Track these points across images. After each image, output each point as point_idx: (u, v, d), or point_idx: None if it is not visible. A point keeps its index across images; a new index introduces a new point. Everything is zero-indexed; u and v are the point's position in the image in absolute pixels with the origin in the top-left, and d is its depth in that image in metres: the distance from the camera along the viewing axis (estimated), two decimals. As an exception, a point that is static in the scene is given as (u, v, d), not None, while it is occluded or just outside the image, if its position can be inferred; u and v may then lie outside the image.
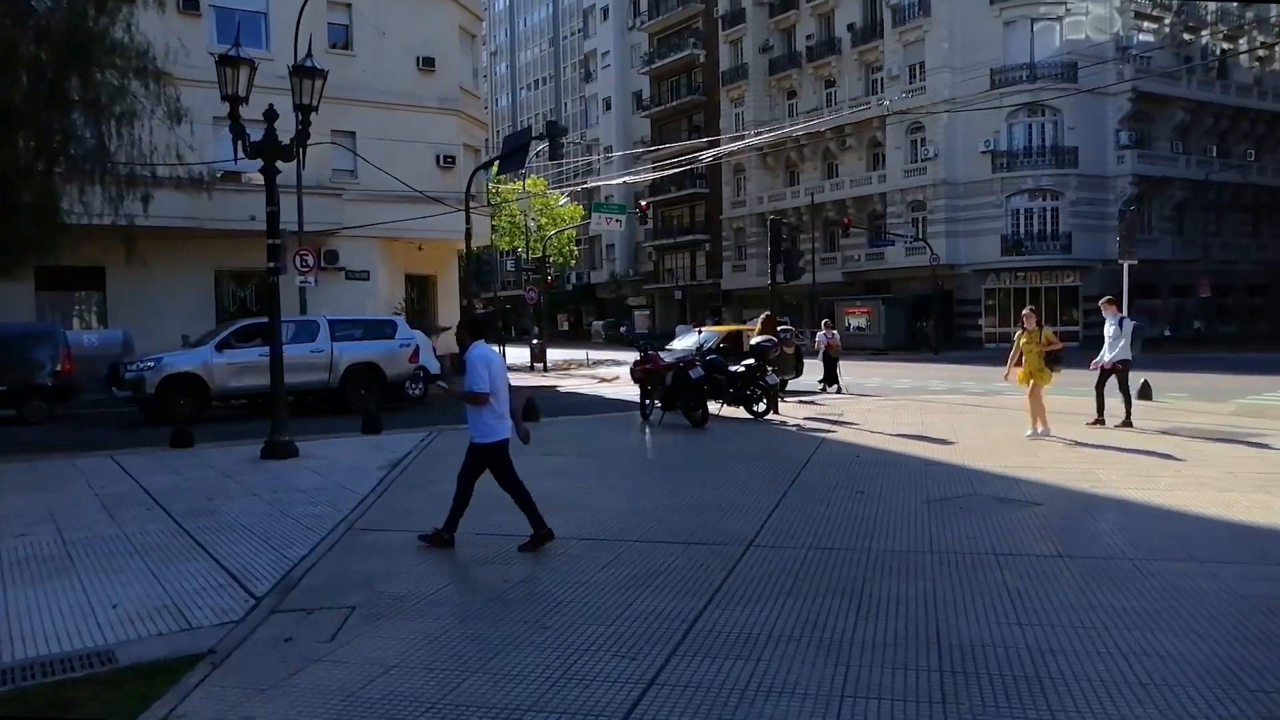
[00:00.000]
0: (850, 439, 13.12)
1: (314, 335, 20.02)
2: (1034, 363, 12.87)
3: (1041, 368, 12.83)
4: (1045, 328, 13.20)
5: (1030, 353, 12.96)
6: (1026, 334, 13.08)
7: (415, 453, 12.43)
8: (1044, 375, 12.90)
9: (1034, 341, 12.98)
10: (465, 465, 7.67)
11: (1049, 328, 14.30)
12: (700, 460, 11.44)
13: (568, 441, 13.37)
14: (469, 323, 7.81)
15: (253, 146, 12.13)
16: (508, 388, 7.55)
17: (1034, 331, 13.03)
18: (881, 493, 9.20)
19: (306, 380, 19.24)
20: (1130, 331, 13.92)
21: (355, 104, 28.59)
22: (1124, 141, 46.60)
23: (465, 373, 7.34)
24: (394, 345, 21.02)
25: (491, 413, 7.41)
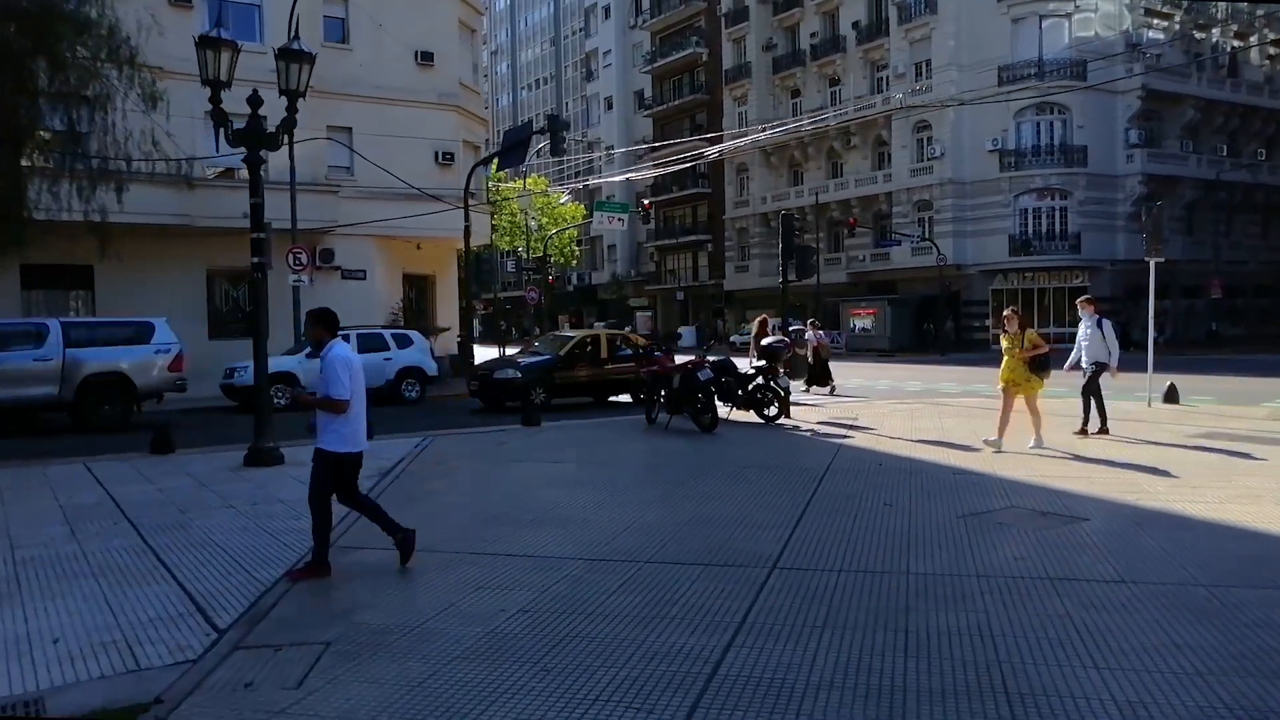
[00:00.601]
0: (869, 445, 12.39)
1: (41, 340, 17.14)
2: (1017, 369, 11.72)
3: (1027, 376, 11.69)
4: (1030, 330, 11.95)
5: (1013, 357, 11.80)
6: (1008, 337, 11.90)
7: (408, 460, 11.70)
8: (1032, 384, 11.76)
9: (1016, 345, 11.77)
10: (315, 481, 6.68)
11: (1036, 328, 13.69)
12: (712, 468, 10.71)
13: (568, 447, 12.65)
14: (322, 318, 6.78)
15: (235, 135, 11.42)
16: (364, 392, 6.69)
17: (1016, 335, 11.78)
18: (911, 505, 8.47)
19: (27, 394, 16.61)
20: (1110, 333, 13.05)
21: (352, 99, 27.93)
22: (1133, 140, 45.92)
23: (321, 374, 6.48)
24: (147, 351, 18.53)
25: (347, 421, 6.54)
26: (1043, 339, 12.02)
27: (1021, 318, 12.07)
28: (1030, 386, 11.75)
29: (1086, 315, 13.32)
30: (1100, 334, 12.99)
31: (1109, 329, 13.07)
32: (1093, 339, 13.04)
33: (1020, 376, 11.66)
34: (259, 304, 11.86)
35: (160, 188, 23.81)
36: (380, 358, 21.47)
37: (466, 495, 9.27)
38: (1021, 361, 11.63)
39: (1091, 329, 13.11)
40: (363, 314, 26.33)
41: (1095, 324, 13.11)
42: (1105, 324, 13.13)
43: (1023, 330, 11.78)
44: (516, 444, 13.09)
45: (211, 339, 25.88)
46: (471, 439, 13.73)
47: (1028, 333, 11.78)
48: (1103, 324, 13.10)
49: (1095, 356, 12.95)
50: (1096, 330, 13.04)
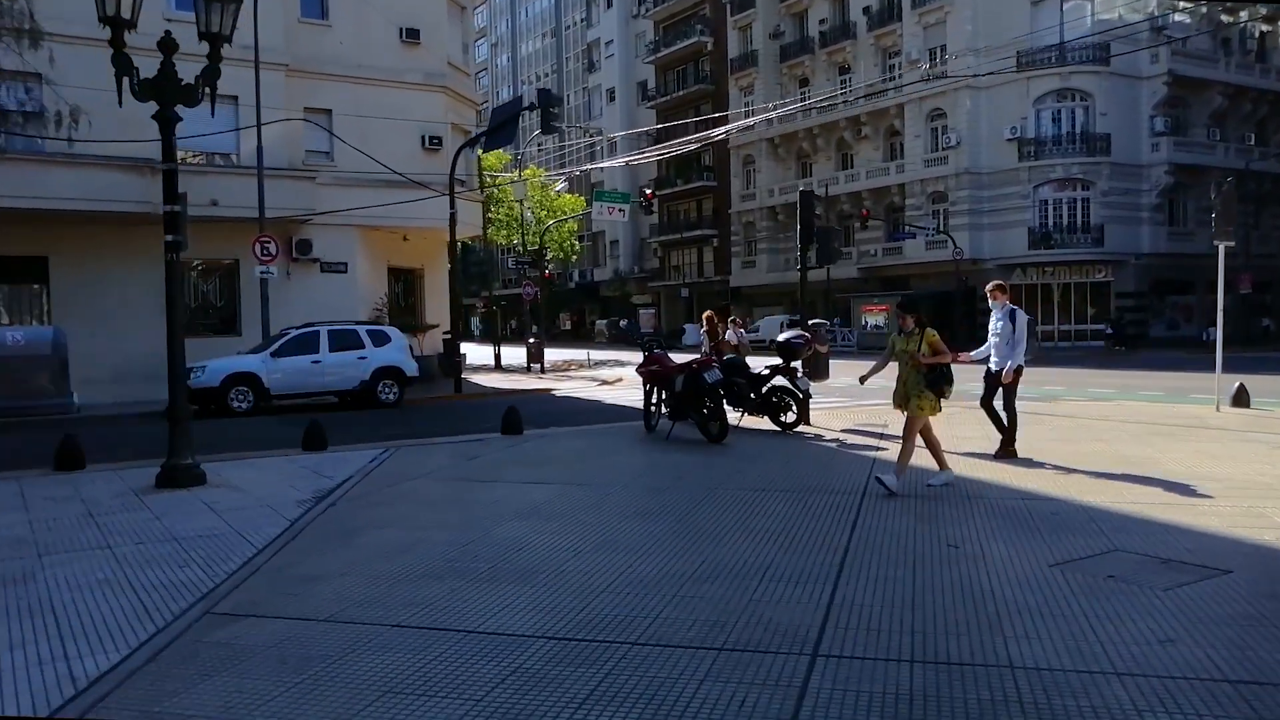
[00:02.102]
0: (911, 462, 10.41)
1: None
2: (910, 380, 8.61)
3: (921, 391, 8.55)
4: (930, 330, 8.75)
5: (904, 364, 8.71)
6: (903, 338, 8.75)
7: (356, 478, 9.76)
8: (924, 401, 8.57)
9: (911, 348, 8.61)
10: None
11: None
12: (723, 491, 8.75)
13: (553, 464, 10.69)
14: None
15: (143, 86, 9.49)
16: None
17: (913, 334, 8.68)
18: (983, 546, 6.52)
19: None
20: (1022, 328, 10.57)
21: (331, 79, 26.05)
22: (1159, 128, 43.80)
23: None
24: None
25: None
26: (945, 343, 8.83)
27: (919, 314, 8.88)
28: (919, 406, 8.57)
29: (997, 306, 10.78)
30: (1011, 329, 10.52)
31: (1021, 323, 10.58)
32: (1002, 336, 10.59)
33: (914, 390, 8.57)
34: (173, 292, 9.94)
35: (118, 172, 21.94)
36: (354, 356, 19.53)
37: (411, 530, 7.33)
38: (917, 371, 8.57)
39: (1003, 323, 10.62)
40: (344, 309, 24.46)
41: (1007, 316, 10.62)
42: (1019, 317, 10.62)
43: (921, 329, 8.68)
44: (491, 457, 11.16)
45: (179, 336, 23.94)
46: (441, 451, 11.78)
47: (927, 333, 8.65)
48: (1015, 317, 10.59)
49: (1004, 357, 10.64)
50: (1008, 324, 10.56)
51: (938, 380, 8.57)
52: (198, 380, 18.23)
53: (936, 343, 8.59)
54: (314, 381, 19.19)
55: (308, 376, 19.06)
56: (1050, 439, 11.80)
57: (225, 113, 24.29)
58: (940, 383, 8.59)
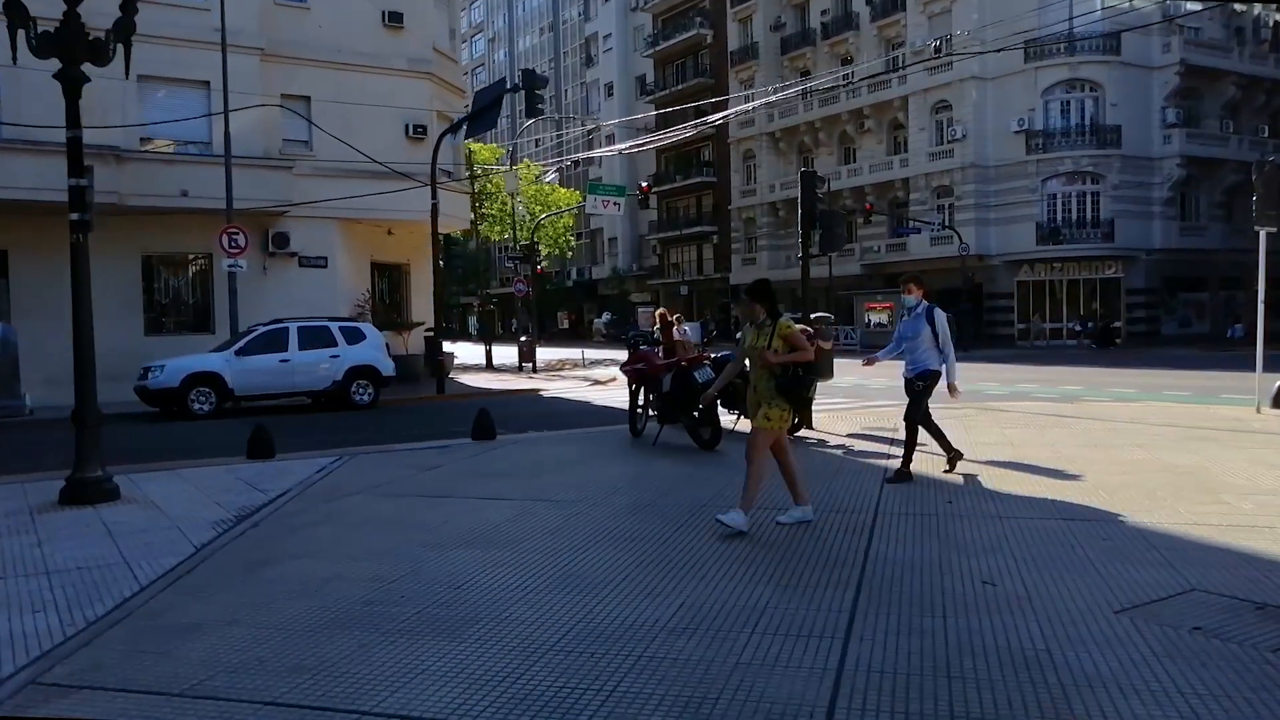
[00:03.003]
0: (925, 470, 9.18)
1: None
2: (760, 384, 6.78)
3: (772, 398, 6.67)
4: (785, 320, 6.89)
5: (754, 364, 6.89)
6: (754, 330, 6.93)
7: (294, 492, 8.54)
8: (773, 411, 6.69)
9: (761, 343, 6.77)
10: None
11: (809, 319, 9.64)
12: (712, 510, 7.51)
13: (520, 475, 9.44)
14: None
15: (41, 40, 8.25)
16: None
17: (764, 326, 6.84)
18: (1026, 583, 5.29)
19: None
20: (944, 329, 8.66)
21: (309, 64, 24.83)
22: (1170, 120, 42.52)
23: None
24: None
25: None
26: (806, 336, 7.10)
27: (773, 301, 6.94)
28: (766, 417, 6.71)
29: (912, 302, 8.97)
30: (931, 331, 8.63)
31: (942, 323, 8.65)
32: (920, 338, 8.69)
33: (765, 395, 6.72)
34: (80, 276, 8.72)
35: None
36: (326, 355, 18.31)
37: (333, 561, 6.10)
38: (769, 372, 6.70)
39: (917, 322, 8.75)
40: (324, 306, 23.25)
41: (923, 315, 8.74)
42: (938, 316, 8.68)
43: (774, 319, 6.82)
44: (453, 467, 9.92)
45: (149, 334, 22.80)
46: (398, 459, 10.55)
47: (781, 324, 6.78)
48: (934, 316, 8.67)
49: (922, 364, 8.69)
50: (925, 325, 8.66)
51: (793, 385, 6.66)
52: (155, 380, 17.07)
53: (793, 336, 6.71)
54: (282, 381, 17.98)
55: (275, 376, 17.84)
56: (1082, 445, 10.56)
57: (197, 98, 23.19)
58: (796, 387, 6.69)
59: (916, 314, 8.85)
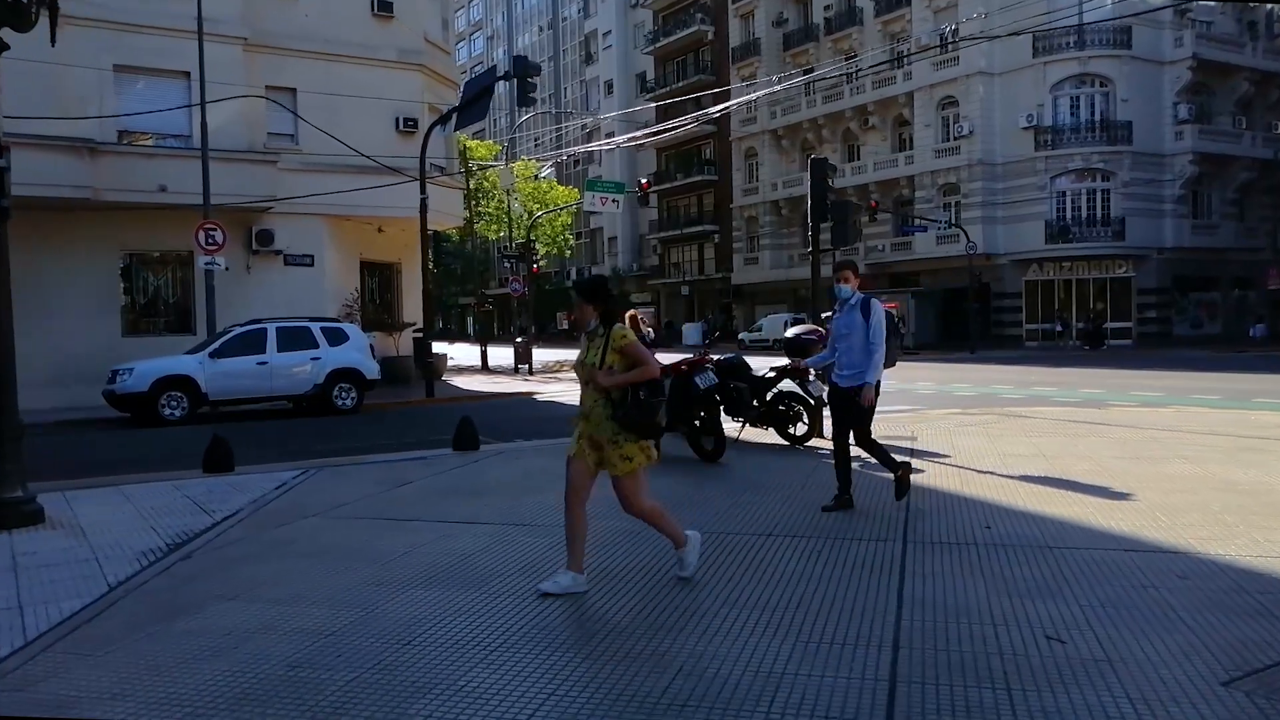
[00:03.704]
0: (952, 486, 8.23)
1: None
2: (594, 412, 5.21)
3: (613, 433, 5.15)
4: (622, 327, 5.30)
5: (584, 386, 5.32)
6: (587, 342, 5.40)
7: (245, 513, 7.59)
8: (633, 449, 5.19)
9: (592, 359, 5.24)
10: None
11: None
12: (716, 539, 6.55)
13: (500, 493, 8.45)
14: None
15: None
16: None
17: (596, 335, 5.30)
18: (1104, 642, 4.32)
19: None
20: (879, 327, 7.10)
21: (295, 55, 23.87)
22: (1182, 116, 41.58)
23: None
24: None
25: None
26: (647, 346, 5.72)
27: (610, 302, 5.36)
28: (628, 456, 5.19)
29: (845, 293, 7.37)
30: (865, 329, 7.12)
31: (878, 318, 7.14)
32: (854, 335, 7.18)
33: (604, 430, 5.16)
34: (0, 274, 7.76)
35: (53, 153, 19.73)
36: (306, 357, 17.35)
37: (265, 606, 5.13)
38: (605, 397, 5.15)
39: (852, 317, 7.25)
40: (310, 306, 22.30)
41: (859, 310, 7.23)
42: (875, 309, 7.20)
43: (606, 325, 5.24)
44: (427, 482, 8.95)
45: (127, 335, 21.84)
46: (369, 473, 9.58)
47: (615, 333, 5.18)
48: (870, 309, 7.19)
49: (859, 370, 7.14)
50: (859, 321, 7.18)
51: (634, 415, 5.03)
52: (124, 385, 16.12)
53: (630, 349, 5.11)
54: (259, 385, 17.02)
55: (252, 379, 16.88)
56: (1122, 456, 9.58)
57: (178, 90, 22.23)
58: (639, 417, 5.05)
59: (851, 306, 7.30)
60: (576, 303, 5.37)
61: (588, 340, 5.33)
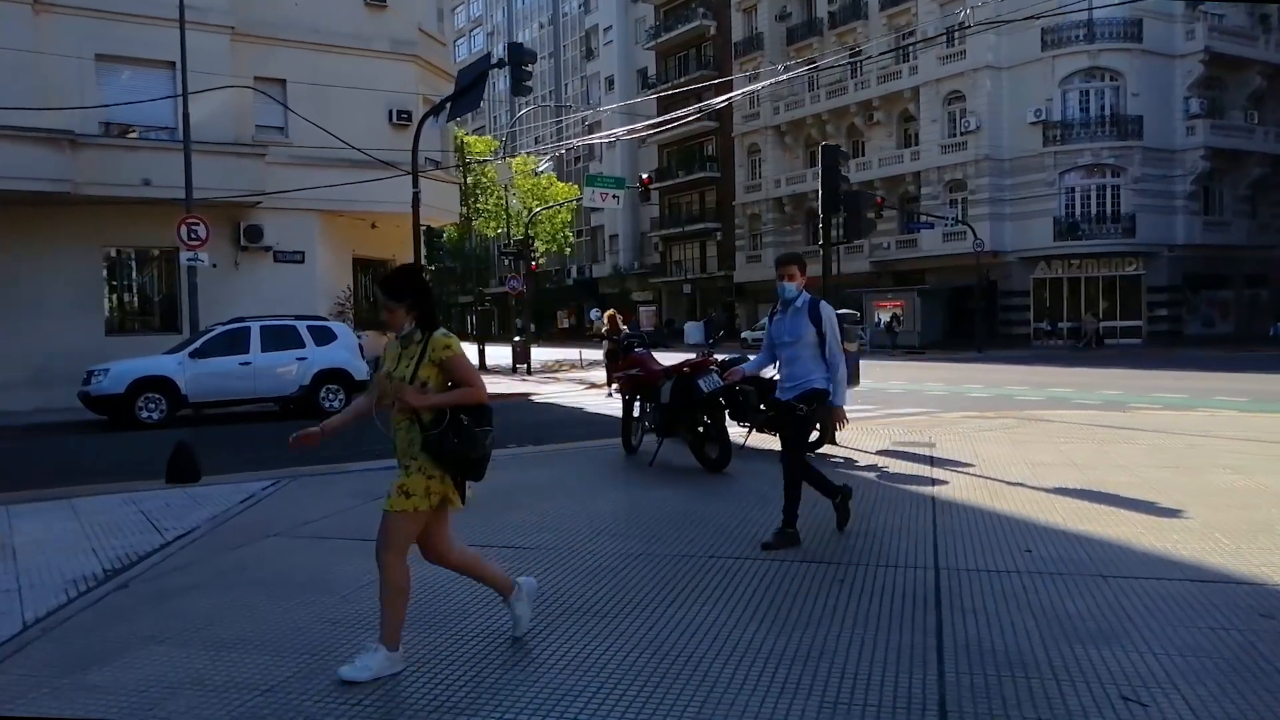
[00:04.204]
0: (981, 500, 7.49)
1: None
2: (402, 439, 4.11)
3: (420, 462, 4.04)
4: (442, 335, 4.08)
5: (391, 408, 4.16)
6: (398, 346, 4.18)
7: (201, 531, 6.86)
8: (418, 481, 4.03)
9: (403, 371, 4.05)
10: None
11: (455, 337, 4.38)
12: (722, 565, 5.82)
13: (486, 506, 7.66)
14: None
15: None
16: None
17: (411, 341, 4.12)
18: (1194, 705, 3.59)
19: None
20: (833, 333, 6.17)
21: (285, 45, 23.16)
22: (1194, 110, 40.78)
23: None
24: None
25: None
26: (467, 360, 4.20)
27: (424, 306, 4.14)
28: (409, 490, 4.04)
29: (790, 292, 6.27)
30: (816, 333, 6.15)
31: (831, 323, 6.17)
32: (801, 342, 6.18)
33: (410, 454, 4.10)
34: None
35: (31, 145, 19.03)
36: (291, 357, 16.62)
37: (199, 652, 4.39)
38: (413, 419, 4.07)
39: (798, 321, 6.21)
40: (301, 303, 21.56)
41: (806, 311, 6.20)
42: (825, 312, 6.19)
43: (426, 332, 4.11)
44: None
45: (110, 335, 21.12)
46: (344, 484, 8.84)
47: (435, 341, 4.06)
48: (820, 312, 6.17)
49: (804, 379, 6.17)
50: (808, 325, 6.15)
51: (449, 444, 3.99)
52: (99, 387, 15.41)
53: (455, 362, 4.06)
54: (242, 386, 16.29)
55: (235, 381, 16.15)
56: (1161, 465, 8.84)
57: (163, 81, 21.49)
58: (455, 449, 4.00)
59: (797, 309, 6.21)
60: (382, 303, 4.15)
61: (400, 348, 4.14)
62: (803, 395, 6.20)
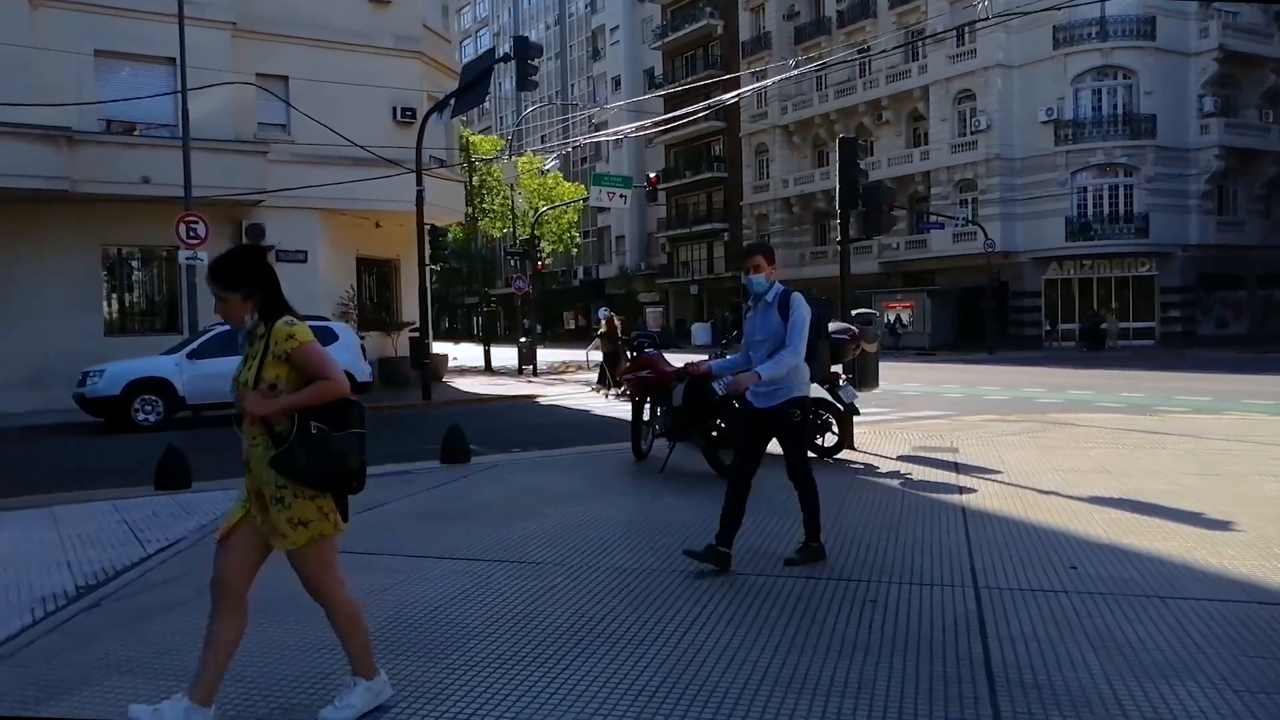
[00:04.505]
0: (1014, 511, 7.04)
1: None
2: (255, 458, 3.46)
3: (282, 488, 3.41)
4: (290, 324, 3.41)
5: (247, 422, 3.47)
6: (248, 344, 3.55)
7: (185, 544, 6.44)
8: (306, 507, 3.45)
9: (247, 374, 3.46)
10: None
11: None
12: (741, 584, 5.39)
13: (488, 517, 7.29)
14: None
15: None
16: None
17: (256, 336, 3.50)
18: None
19: None
20: (799, 328, 5.36)
21: (287, 41, 22.79)
22: (1208, 109, 40.21)
23: None
24: None
25: None
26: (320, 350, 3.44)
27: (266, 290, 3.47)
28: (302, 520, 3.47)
29: (759, 285, 5.54)
30: (781, 328, 5.40)
31: (799, 317, 5.37)
32: (774, 339, 5.43)
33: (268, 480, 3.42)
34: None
35: (27, 141, 18.65)
36: (292, 358, 16.20)
37: (161, 689, 3.99)
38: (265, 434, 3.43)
39: (769, 316, 5.50)
40: (303, 304, 20.23)
41: (775, 306, 5.48)
42: (796, 306, 5.40)
43: (268, 320, 3.45)
44: (405, 504, 7.79)
45: (109, 335, 20.76)
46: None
47: (277, 331, 3.40)
48: (791, 304, 5.41)
49: (782, 383, 5.44)
50: (777, 322, 5.42)
51: (304, 456, 3.36)
52: (94, 388, 15.02)
53: (304, 353, 3.41)
54: (241, 388, 15.87)
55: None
56: (1199, 473, 8.39)
57: (162, 76, 21.13)
58: (312, 460, 3.37)
59: (768, 303, 5.45)
60: (214, 293, 3.46)
61: (247, 343, 3.54)
62: (789, 400, 5.49)
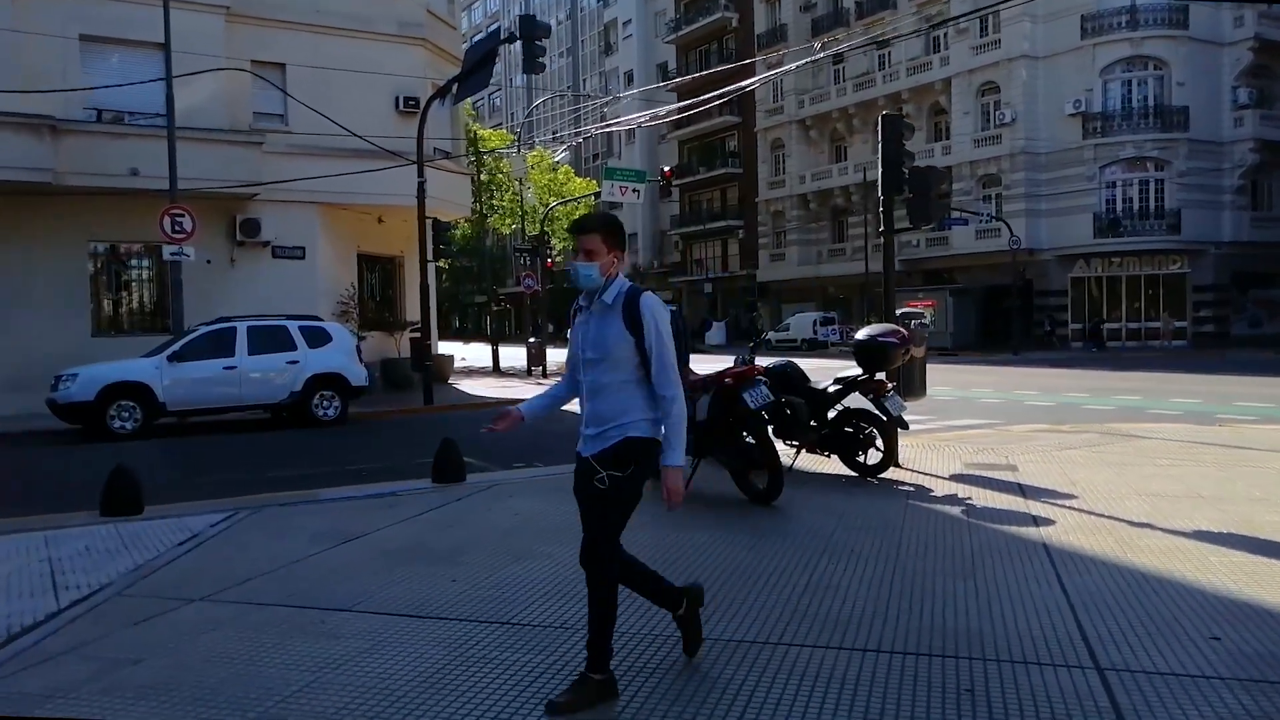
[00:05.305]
0: (1109, 551, 5.85)
1: None
2: None
3: None
4: None
5: None
6: None
7: (113, 590, 5.30)
8: None
9: None
10: None
11: None
12: (790, 650, 4.23)
13: (480, 555, 6.12)
14: None
15: None
16: None
17: None
18: None
19: None
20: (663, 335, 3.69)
21: (284, 27, 21.74)
22: (1243, 100, 38.86)
23: None
24: None
25: None
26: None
27: None
28: None
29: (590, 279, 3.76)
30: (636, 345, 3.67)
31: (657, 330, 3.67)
32: (610, 357, 3.71)
33: None
34: None
35: (8, 131, 17.63)
36: (282, 361, 15.10)
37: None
38: None
39: (606, 326, 3.74)
40: (301, 302, 20.12)
41: (617, 310, 3.71)
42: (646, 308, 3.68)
43: None
44: (385, 535, 6.65)
45: (96, 335, 19.73)
46: (315, 518, 7.27)
47: None
48: (641, 309, 3.67)
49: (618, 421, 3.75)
50: (621, 333, 3.67)
51: None
52: (66, 393, 13.97)
53: None
54: (227, 393, 14.78)
55: (219, 386, 14.64)
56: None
57: (152, 63, 20.05)
58: None
59: (606, 306, 3.76)
60: None
61: None
62: (613, 450, 3.73)
